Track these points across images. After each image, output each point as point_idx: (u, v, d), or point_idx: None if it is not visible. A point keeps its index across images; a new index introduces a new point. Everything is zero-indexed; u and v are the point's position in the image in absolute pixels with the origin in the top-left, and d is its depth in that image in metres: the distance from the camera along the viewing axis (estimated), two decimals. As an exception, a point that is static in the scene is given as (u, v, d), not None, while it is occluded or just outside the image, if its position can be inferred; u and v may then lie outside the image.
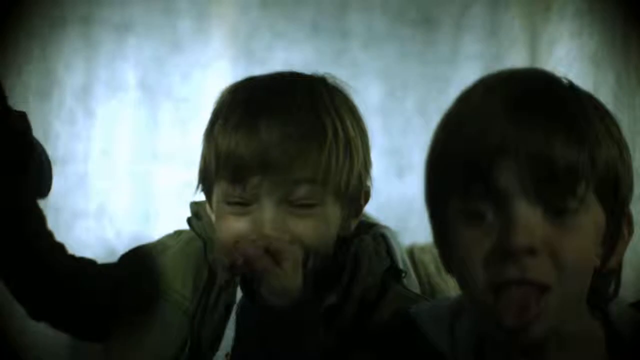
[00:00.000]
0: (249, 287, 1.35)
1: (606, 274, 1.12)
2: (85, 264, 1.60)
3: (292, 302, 1.31)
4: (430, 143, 1.11)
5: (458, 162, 1.06)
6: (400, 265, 1.53)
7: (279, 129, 1.40)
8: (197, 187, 1.50)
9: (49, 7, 2.64)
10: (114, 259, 1.64)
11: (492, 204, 1.05)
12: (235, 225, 1.43)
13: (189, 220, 1.56)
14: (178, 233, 1.61)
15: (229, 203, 1.43)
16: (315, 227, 1.42)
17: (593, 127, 1.06)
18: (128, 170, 2.73)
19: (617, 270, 1.13)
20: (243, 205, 1.42)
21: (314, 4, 2.81)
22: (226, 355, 1.46)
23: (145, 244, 1.63)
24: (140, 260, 1.59)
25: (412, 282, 1.56)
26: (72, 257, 1.58)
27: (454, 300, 1.21)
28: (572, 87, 1.10)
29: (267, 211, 1.41)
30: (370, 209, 1.73)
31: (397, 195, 2.69)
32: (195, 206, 1.56)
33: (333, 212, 1.44)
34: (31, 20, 2.58)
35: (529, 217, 1.04)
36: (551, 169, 1.03)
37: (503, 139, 1.04)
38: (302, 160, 1.40)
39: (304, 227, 1.41)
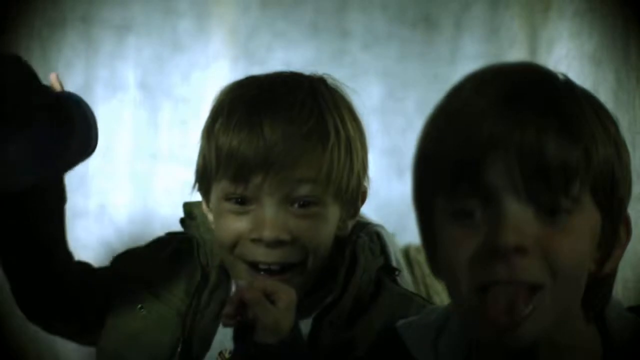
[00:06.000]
0: (242, 329, 1.32)
1: (602, 278, 1.08)
2: (86, 269, 1.62)
3: (282, 340, 1.29)
4: (418, 139, 1.08)
5: (446, 158, 1.03)
6: (394, 264, 1.53)
7: (282, 128, 1.40)
8: (194, 185, 1.49)
9: (49, 7, 2.64)
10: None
11: (480, 202, 1.02)
12: (235, 224, 1.43)
13: (182, 221, 1.56)
14: (171, 234, 1.61)
15: (229, 202, 1.43)
16: (315, 227, 1.42)
17: (589, 125, 1.03)
18: (128, 170, 2.73)
19: (612, 275, 1.10)
20: (244, 204, 1.42)
21: (314, 4, 2.81)
22: (219, 354, 1.46)
23: (138, 246, 1.64)
24: (132, 262, 1.60)
25: (405, 281, 1.56)
26: (79, 263, 1.60)
27: (438, 315, 1.19)
28: (568, 83, 1.07)
29: (268, 210, 1.41)
30: (370, 209, 1.73)
31: (397, 195, 2.70)
32: (188, 206, 1.56)
33: (332, 212, 1.44)
34: (31, 20, 2.58)
35: (519, 215, 1.00)
36: (542, 166, 1.00)
37: (492, 133, 1.00)
38: (305, 160, 1.40)
39: (305, 227, 1.41)
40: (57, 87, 1.60)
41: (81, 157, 1.46)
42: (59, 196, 1.56)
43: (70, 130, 1.45)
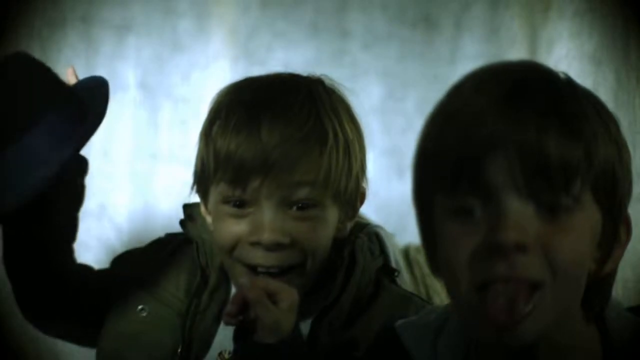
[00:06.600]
0: (242, 329, 1.33)
1: (602, 278, 1.08)
2: (86, 271, 1.62)
3: (283, 340, 1.29)
4: (418, 138, 1.07)
5: (446, 157, 1.02)
6: (393, 265, 1.52)
7: (280, 131, 1.39)
8: (192, 187, 1.49)
9: (48, 7, 2.64)
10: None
11: (481, 199, 1.01)
12: (234, 227, 1.42)
13: (181, 222, 1.56)
14: (171, 235, 1.61)
15: (227, 205, 1.43)
16: (314, 229, 1.42)
17: (590, 124, 1.02)
18: (128, 170, 2.73)
19: (612, 275, 1.09)
20: (242, 207, 1.42)
21: (314, 4, 2.81)
22: (219, 355, 1.46)
23: (138, 247, 1.64)
24: (132, 263, 1.60)
25: (404, 282, 1.56)
26: (79, 265, 1.60)
27: (437, 315, 1.19)
28: (569, 82, 1.06)
29: (267, 213, 1.41)
30: (370, 209, 1.73)
31: (397, 195, 2.69)
32: (188, 208, 1.56)
33: (331, 214, 1.44)
34: (31, 20, 2.58)
35: (519, 212, 1.00)
36: (543, 164, 0.99)
37: (493, 132, 1.00)
38: (303, 162, 1.40)
39: (304, 230, 1.41)
40: (73, 81, 1.62)
41: (92, 133, 1.49)
42: (74, 199, 1.57)
43: (84, 118, 1.48)
